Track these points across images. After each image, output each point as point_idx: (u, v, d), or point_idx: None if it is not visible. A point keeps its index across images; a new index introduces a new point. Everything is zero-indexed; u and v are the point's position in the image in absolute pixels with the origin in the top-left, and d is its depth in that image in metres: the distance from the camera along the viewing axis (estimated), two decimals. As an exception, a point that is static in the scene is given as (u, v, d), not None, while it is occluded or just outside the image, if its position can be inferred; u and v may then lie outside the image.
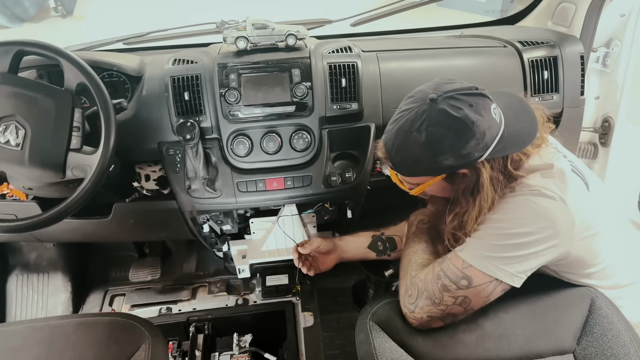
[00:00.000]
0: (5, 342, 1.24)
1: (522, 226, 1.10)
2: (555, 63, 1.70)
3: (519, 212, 1.12)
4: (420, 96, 1.11)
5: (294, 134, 1.55)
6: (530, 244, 1.10)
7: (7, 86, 1.24)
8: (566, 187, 1.12)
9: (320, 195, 1.63)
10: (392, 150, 1.15)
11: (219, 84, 1.50)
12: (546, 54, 1.71)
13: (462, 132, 1.05)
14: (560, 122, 1.75)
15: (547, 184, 1.12)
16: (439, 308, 1.16)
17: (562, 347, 1.20)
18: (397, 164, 1.17)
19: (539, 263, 1.13)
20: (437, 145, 1.08)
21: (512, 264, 1.11)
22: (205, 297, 2.16)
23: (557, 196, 1.10)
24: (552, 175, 1.14)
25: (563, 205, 1.10)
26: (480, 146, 1.07)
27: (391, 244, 1.59)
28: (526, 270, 1.12)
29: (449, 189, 1.21)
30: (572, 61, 1.72)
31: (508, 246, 1.11)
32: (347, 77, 1.53)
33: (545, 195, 1.10)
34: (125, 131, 1.46)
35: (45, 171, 1.26)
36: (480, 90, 1.11)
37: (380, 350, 1.17)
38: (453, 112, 1.05)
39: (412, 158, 1.12)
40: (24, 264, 2.21)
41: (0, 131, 1.23)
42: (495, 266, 1.11)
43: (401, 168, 1.19)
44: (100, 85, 1.29)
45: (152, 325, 1.28)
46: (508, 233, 1.11)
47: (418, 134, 1.08)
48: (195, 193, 1.56)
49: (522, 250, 1.10)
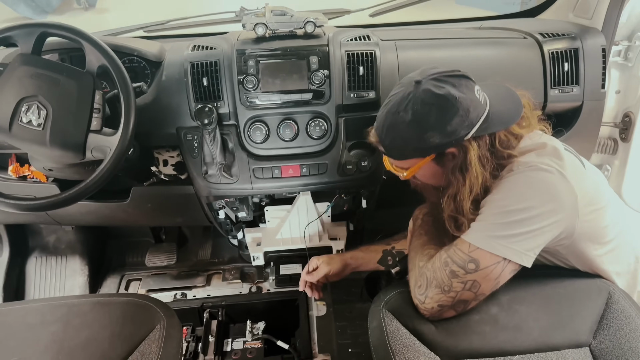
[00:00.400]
0: (23, 319, 1.26)
1: (523, 201, 1.10)
2: (576, 55, 1.67)
3: (519, 188, 1.13)
4: (407, 81, 1.17)
5: (310, 121, 1.55)
6: (533, 218, 1.09)
7: (30, 67, 1.26)
8: (563, 162, 1.14)
9: (336, 183, 1.63)
10: (382, 133, 1.20)
11: (237, 70, 1.50)
12: (567, 46, 1.68)
13: (445, 109, 1.10)
14: (580, 116, 1.73)
15: (543, 160, 1.14)
16: (449, 295, 1.15)
17: (578, 340, 1.19)
18: (388, 147, 1.21)
19: (546, 240, 1.13)
20: (422, 122, 1.12)
21: (519, 241, 1.10)
22: (220, 284, 2.18)
23: (555, 170, 1.11)
24: (547, 153, 1.16)
25: (562, 178, 1.11)
26: (465, 123, 1.11)
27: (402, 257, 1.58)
28: (533, 247, 1.12)
29: (440, 173, 1.22)
30: (593, 54, 1.69)
31: (512, 223, 1.10)
32: (365, 65, 1.53)
33: (543, 169, 1.12)
34: (144, 115, 1.48)
35: (66, 152, 1.28)
36: (463, 73, 1.16)
37: (393, 338, 1.16)
38: (436, 90, 1.10)
39: (401, 138, 1.16)
40: (43, 246, 2.26)
41: (23, 111, 1.25)
42: (502, 245, 1.10)
43: (392, 150, 1.22)
44: (121, 68, 1.30)
45: (167, 306, 1.30)
46: (510, 210, 1.11)
47: (404, 114, 1.13)
48: (212, 178, 1.57)
49: (526, 226, 1.09)
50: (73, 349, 1.18)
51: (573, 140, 1.74)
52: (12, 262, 2.17)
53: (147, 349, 1.16)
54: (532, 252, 1.12)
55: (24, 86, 1.25)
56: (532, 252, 1.12)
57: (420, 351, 1.15)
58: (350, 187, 1.75)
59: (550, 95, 1.67)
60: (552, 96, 1.67)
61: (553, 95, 1.67)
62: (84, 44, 1.29)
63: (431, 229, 1.37)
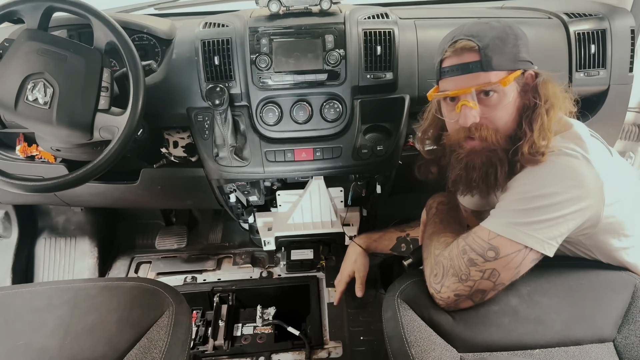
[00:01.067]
0: (30, 302, 1.24)
1: (546, 187, 1.05)
2: (603, 37, 1.60)
3: (542, 173, 1.07)
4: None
5: (325, 103, 1.50)
6: (557, 205, 1.04)
7: (36, 42, 1.22)
8: (588, 147, 1.09)
9: (350, 168, 1.59)
10: (479, 32, 1.12)
11: (250, 49, 1.45)
12: (594, 26, 1.61)
13: (521, 37, 1.15)
14: (605, 101, 1.66)
15: (567, 144, 1.09)
16: (467, 284, 1.11)
17: (602, 334, 1.14)
18: (487, 47, 1.10)
19: (570, 228, 1.07)
20: (514, 31, 1.13)
21: (541, 229, 1.05)
22: (230, 268, 2.16)
23: (580, 155, 1.07)
24: (572, 137, 1.12)
25: (588, 164, 1.06)
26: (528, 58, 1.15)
27: (415, 244, 1.57)
28: (556, 236, 1.06)
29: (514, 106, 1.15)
30: (621, 35, 1.62)
31: (534, 209, 1.05)
32: (383, 44, 1.47)
33: (568, 154, 1.07)
34: (154, 95, 1.44)
35: (73, 131, 1.24)
36: None
37: (409, 329, 1.12)
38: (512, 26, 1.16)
39: (500, 39, 1.11)
40: (53, 227, 2.25)
41: (29, 89, 1.21)
42: (523, 232, 1.05)
43: (490, 50, 1.11)
44: (129, 45, 1.25)
45: (177, 292, 1.27)
46: (533, 196, 1.06)
47: (498, 24, 1.14)
48: (223, 161, 1.53)
49: (549, 213, 1.04)
50: (80, 333, 1.16)
51: (597, 126, 1.66)
52: (21, 243, 2.16)
53: (155, 335, 1.14)
54: (554, 241, 1.07)
55: (30, 62, 1.21)
56: (555, 241, 1.07)
57: (436, 343, 1.11)
58: (364, 172, 1.70)
59: (575, 79, 1.60)
60: (578, 79, 1.60)
61: (578, 78, 1.61)
62: (91, 19, 1.24)
63: (446, 216, 1.32)
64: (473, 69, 1.12)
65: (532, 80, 1.15)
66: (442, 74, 1.18)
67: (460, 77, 1.14)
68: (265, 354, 1.73)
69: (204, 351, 1.75)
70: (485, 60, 1.10)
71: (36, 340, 1.15)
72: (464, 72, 1.13)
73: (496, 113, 1.13)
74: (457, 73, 1.14)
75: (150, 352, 1.10)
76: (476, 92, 1.12)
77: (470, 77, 1.12)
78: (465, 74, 1.13)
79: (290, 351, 1.74)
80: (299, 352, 1.73)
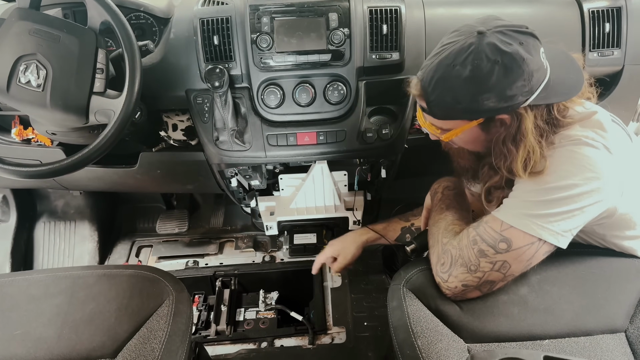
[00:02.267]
0: (27, 290, 1.21)
1: (565, 178, 1.00)
2: (619, 15, 1.53)
3: (562, 163, 1.01)
4: (467, 30, 1.00)
5: (328, 85, 1.45)
6: (575, 197, 0.99)
7: (27, 22, 1.17)
8: (609, 135, 1.03)
9: (355, 152, 1.54)
10: (428, 87, 1.03)
11: (251, 28, 1.40)
12: (609, 4, 1.54)
13: (510, 69, 0.95)
14: (619, 82, 1.60)
15: (587, 133, 1.02)
16: (475, 275, 1.07)
17: (613, 325, 1.11)
18: (433, 103, 1.05)
19: (586, 220, 1.03)
20: (482, 81, 0.96)
21: (557, 221, 1.00)
22: (232, 253, 2.14)
23: (601, 145, 1.00)
24: (592, 125, 1.05)
25: (608, 154, 1.00)
26: (525, 89, 0.97)
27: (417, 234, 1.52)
28: (572, 228, 1.02)
29: (482, 139, 1.10)
30: (637, 13, 1.54)
31: (552, 201, 1.00)
32: (389, 23, 1.41)
33: (588, 144, 1.00)
34: (151, 76, 1.39)
35: (68, 115, 1.20)
36: (530, 30, 1.00)
37: (415, 319, 1.09)
38: (503, 47, 0.95)
39: (451, 96, 1.01)
40: (52, 211, 2.22)
41: (21, 71, 1.16)
42: (539, 225, 1.01)
43: (436, 108, 1.06)
44: (124, 24, 1.20)
45: (177, 280, 1.24)
46: (551, 187, 1.00)
47: (462, 68, 0.97)
48: (224, 145, 1.49)
49: (567, 205, 1.00)
50: (78, 323, 1.14)
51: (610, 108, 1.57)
52: (20, 227, 2.14)
53: (155, 325, 1.11)
54: (569, 233, 1.03)
55: (22, 43, 1.16)
56: (570, 233, 1.03)
57: (443, 334, 1.08)
58: (369, 157, 1.66)
59: (588, 59, 1.54)
60: (591, 60, 1.54)
61: (592, 58, 1.54)
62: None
63: (453, 202, 1.28)
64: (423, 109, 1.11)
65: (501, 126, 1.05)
66: None
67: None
68: (268, 339, 1.72)
69: (206, 336, 1.74)
70: (430, 112, 1.08)
71: (33, 330, 1.13)
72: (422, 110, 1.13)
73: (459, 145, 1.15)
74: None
75: (150, 342, 1.08)
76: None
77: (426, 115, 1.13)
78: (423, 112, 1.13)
79: (293, 336, 1.73)
80: (302, 338, 1.72)
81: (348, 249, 1.63)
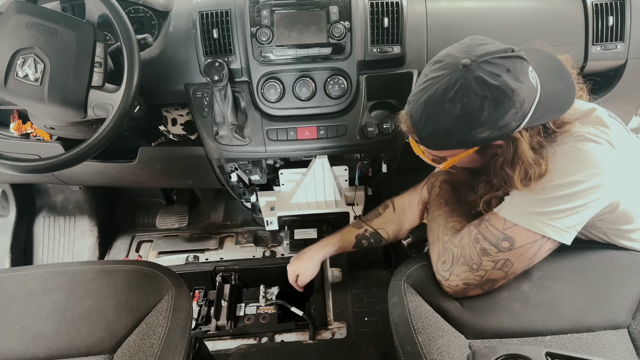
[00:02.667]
0: (25, 286, 1.21)
1: (569, 175, 0.98)
2: (622, 8, 1.52)
3: (565, 160, 1.00)
4: (451, 61, 0.96)
5: (329, 79, 1.43)
6: (580, 194, 0.98)
7: (25, 15, 1.15)
8: (610, 130, 1.02)
9: (355, 147, 1.53)
10: (419, 124, 1.01)
11: (250, 21, 1.38)
12: (613, -3, 1.52)
13: (500, 102, 0.92)
14: (622, 76, 1.59)
15: (589, 129, 1.02)
16: (477, 274, 1.06)
17: (616, 321, 1.10)
18: (425, 139, 1.04)
19: (590, 215, 1.02)
20: (473, 117, 0.94)
21: (562, 218, 1.00)
22: (233, 248, 2.14)
23: (604, 140, 1.00)
24: (592, 121, 1.04)
25: (611, 149, 1.00)
26: (518, 115, 0.95)
27: (376, 238, 1.54)
28: (576, 224, 1.01)
29: (479, 160, 1.09)
30: (641, 6, 1.54)
31: (555, 199, 0.99)
32: (390, 16, 1.39)
33: (591, 140, 0.99)
34: (150, 70, 1.39)
35: (66, 109, 1.19)
36: (516, 53, 0.96)
37: (415, 315, 1.09)
38: (491, 80, 0.92)
39: (443, 132, 0.99)
40: (51, 206, 2.21)
41: (19, 65, 1.15)
42: (543, 222, 1.00)
43: (429, 142, 1.05)
44: (122, 17, 1.19)
45: (176, 275, 1.23)
46: (555, 185, 0.99)
47: (451, 106, 0.94)
48: (223, 140, 1.48)
49: (572, 202, 0.98)
50: (76, 318, 1.13)
51: (612, 102, 1.62)
52: (19, 222, 2.13)
53: (154, 321, 1.10)
54: (574, 229, 1.02)
55: (19, 37, 1.15)
56: (574, 229, 1.02)
57: (444, 330, 1.08)
58: (370, 152, 1.65)
59: (591, 53, 1.53)
60: (594, 53, 1.53)
61: (595, 52, 1.53)
62: (82, -10, 1.18)
63: (451, 197, 1.27)
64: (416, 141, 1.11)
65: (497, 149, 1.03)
66: None
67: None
68: (268, 334, 1.72)
69: (207, 331, 1.74)
70: (423, 144, 1.08)
71: (32, 326, 1.12)
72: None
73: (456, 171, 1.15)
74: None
75: (149, 338, 1.07)
76: None
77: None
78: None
79: (293, 331, 1.73)
80: (302, 333, 1.72)
81: (307, 268, 1.60)
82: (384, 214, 1.55)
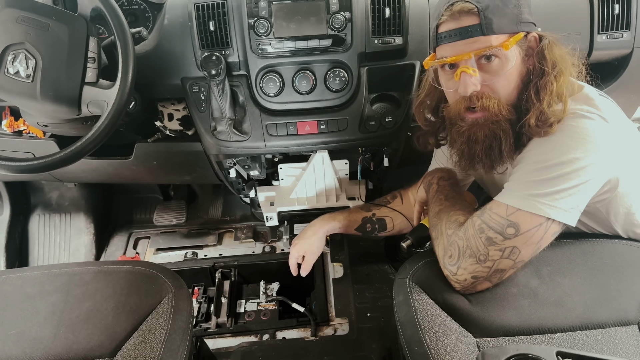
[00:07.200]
0: (21, 289, 1.18)
1: (567, 153, 0.98)
2: (629, -5, 1.49)
3: (562, 139, 1.00)
4: None
5: (329, 71, 1.40)
6: (579, 170, 0.98)
7: (15, 9, 1.11)
8: (600, 106, 1.03)
9: (357, 141, 1.50)
10: None
11: (248, 13, 1.34)
12: (619, -16, 1.49)
13: None
14: (628, 65, 1.56)
15: (581, 106, 1.03)
16: (485, 265, 1.04)
17: (626, 317, 1.08)
18: (488, 9, 1.01)
19: (591, 193, 1.02)
20: None
21: (564, 198, 0.99)
22: (232, 243, 2.11)
23: (596, 116, 1.00)
24: (582, 98, 1.06)
25: (605, 124, 1.00)
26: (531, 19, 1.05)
27: (381, 225, 1.52)
28: (579, 204, 1.01)
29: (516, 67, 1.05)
30: (648, -6, 1.51)
31: (555, 179, 0.98)
32: (392, 6, 1.36)
33: (584, 116, 1.01)
34: (145, 64, 1.35)
35: (59, 106, 1.16)
36: None
37: (422, 314, 1.06)
38: None
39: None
40: (46, 203, 2.18)
41: (9, 61, 1.12)
42: (546, 204, 0.99)
43: (490, 13, 1.01)
44: (116, 10, 1.15)
45: (176, 276, 1.20)
46: (553, 164, 0.99)
47: None
48: (221, 135, 1.44)
49: (572, 180, 0.98)
50: (74, 321, 1.10)
51: (618, 92, 1.60)
52: (14, 220, 2.10)
53: (154, 323, 1.08)
54: (577, 209, 1.01)
55: (9, 32, 1.11)
56: (577, 210, 1.01)
57: (452, 328, 1.05)
58: (372, 145, 1.62)
59: (596, 42, 1.50)
60: (599, 42, 1.51)
61: (600, 41, 1.51)
62: (73, -18, 1.14)
63: (451, 192, 1.26)
64: (472, 33, 1.02)
65: (536, 44, 1.07)
66: (439, 39, 1.07)
67: (459, 42, 1.04)
68: (269, 331, 1.70)
69: (207, 329, 1.71)
70: (485, 23, 1.01)
71: (29, 329, 1.09)
72: (462, 37, 1.03)
73: (498, 80, 1.05)
74: (456, 38, 1.04)
75: (150, 341, 1.04)
76: (476, 57, 1.03)
77: (470, 42, 1.03)
78: (464, 39, 1.03)
79: (295, 328, 1.71)
80: (304, 329, 1.69)
81: (313, 245, 1.55)
82: (393, 203, 1.54)
